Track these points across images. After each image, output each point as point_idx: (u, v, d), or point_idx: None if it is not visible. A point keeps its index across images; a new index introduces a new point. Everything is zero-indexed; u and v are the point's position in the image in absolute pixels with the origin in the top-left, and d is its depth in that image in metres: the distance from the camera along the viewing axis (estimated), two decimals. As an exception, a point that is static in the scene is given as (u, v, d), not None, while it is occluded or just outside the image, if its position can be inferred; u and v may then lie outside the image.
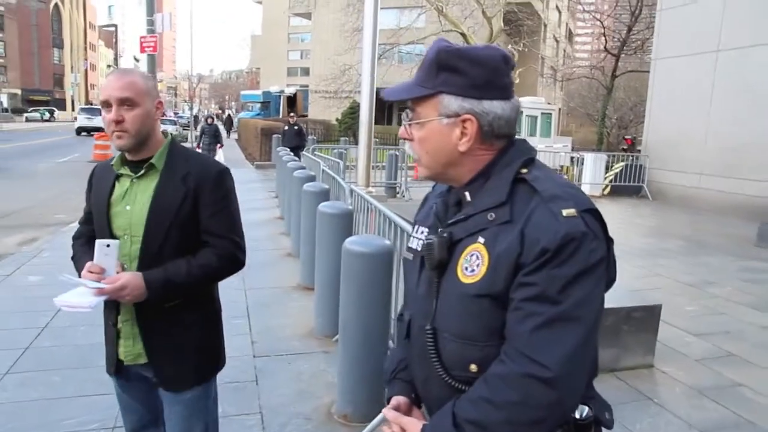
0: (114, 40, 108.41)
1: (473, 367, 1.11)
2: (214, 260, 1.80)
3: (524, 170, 1.14)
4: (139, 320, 1.77)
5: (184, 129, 32.37)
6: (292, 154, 11.35)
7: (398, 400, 1.29)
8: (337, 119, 33.48)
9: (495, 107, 1.14)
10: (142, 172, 1.74)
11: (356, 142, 7.76)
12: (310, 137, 19.13)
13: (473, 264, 1.11)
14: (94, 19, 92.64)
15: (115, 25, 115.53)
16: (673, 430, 3.22)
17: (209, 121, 16.12)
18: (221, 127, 24.85)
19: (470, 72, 1.13)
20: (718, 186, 11.66)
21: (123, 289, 1.62)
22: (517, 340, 1.04)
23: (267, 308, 4.94)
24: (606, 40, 26.72)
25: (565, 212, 1.05)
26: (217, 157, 11.62)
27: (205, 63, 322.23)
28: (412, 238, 1.33)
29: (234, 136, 36.50)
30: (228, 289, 5.47)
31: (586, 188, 13.20)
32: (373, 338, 2.97)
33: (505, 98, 1.16)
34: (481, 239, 1.11)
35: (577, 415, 1.13)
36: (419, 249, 1.26)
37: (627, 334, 3.89)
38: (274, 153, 15.39)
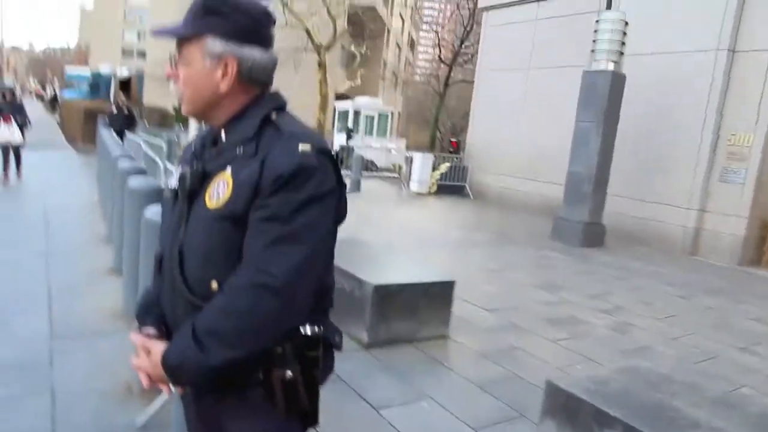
0: None
1: (214, 285, 1.24)
2: None
3: (274, 114, 1.30)
4: None
5: None
6: (117, 136, 10.65)
7: (145, 330, 1.37)
8: (173, 107, 31.74)
9: (255, 53, 1.29)
10: None
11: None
12: (142, 123, 18.01)
13: (219, 191, 1.25)
14: None
15: None
16: (456, 386, 3.65)
17: (9, 97, 10.71)
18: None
19: (234, 17, 1.26)
20: (524, 187, 13.13)
21: None
22: (251, 255, 1.19)
23: (72, 292, 4.65)
24: (441, 50, 28.58)
25: (301, 148, 1.22)
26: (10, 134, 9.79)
27: (22, 35, 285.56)
28: (171, 179, 1.43)
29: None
30: (29, 272, 5.07)
31: (414, 186, 14.05)
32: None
33: (265, 47, 1.31)
34: (228, 170, 1.26)
35: (308, 333, 1.31)
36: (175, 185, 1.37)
37: (424, 308, 4.29)
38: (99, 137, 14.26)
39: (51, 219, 7.26)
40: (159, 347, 1.26)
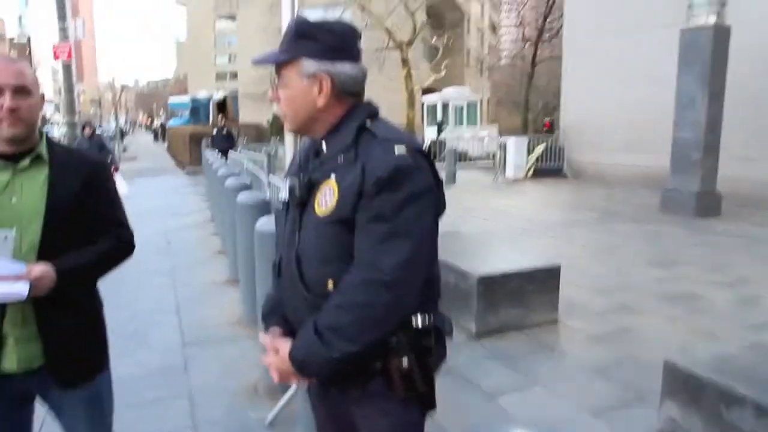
0: (27, 51, 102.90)
1: (330, 284, 1.35)
2: (114, 246, 1.80)
3: (368, 122, 1.40)
4: (38, 317, 1.63)
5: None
6: (220, 155, 11.36)
7: (272, 330, 1.51)
8: (268, 121, 33.24)
9: (345, 68, 1.40)
10: (27, 163, 1.65)
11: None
12: (241, 140, 19.01)
13: (327, 198, 1.36)
14: (4, 30, 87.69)
15: (29, 37, 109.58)
16: (570, 371, 3.60)
17: (88, 132, 10.14)
18: (112, 143, 21.66)
19: (324, 38, 1.39)
20: (626, 161, 12.47)
21: (41, 279, 1.53)
22: (362, 253, 1.30)
23: (197, 302, 5.06)
24: (524, 28, 27.79)
25: (397, 150, 1.32)
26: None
27: (128, 73, 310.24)
28: (281, 191, 1.57)
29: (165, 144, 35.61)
30: (157, 288, 5.57)
31: (510, 172, 13.79)
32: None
33: (354, 61, 1.42)
34: (333, 177, 1.36)
35: (419, 323, 1.38)
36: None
37: (531, 294, 4.25)
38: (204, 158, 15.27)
39: (171, 238, 7.91)
40: (286, 345, 1.39)
